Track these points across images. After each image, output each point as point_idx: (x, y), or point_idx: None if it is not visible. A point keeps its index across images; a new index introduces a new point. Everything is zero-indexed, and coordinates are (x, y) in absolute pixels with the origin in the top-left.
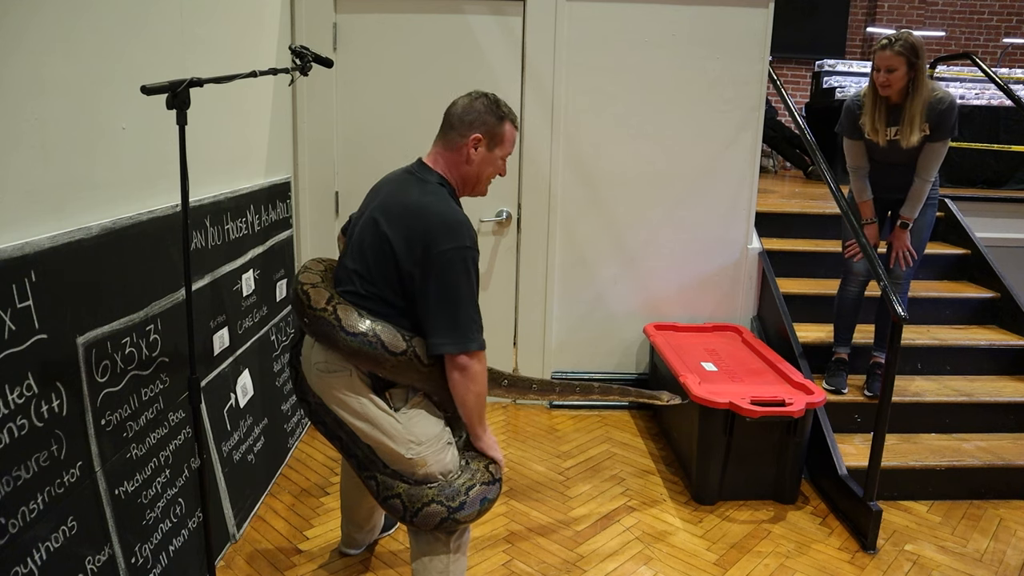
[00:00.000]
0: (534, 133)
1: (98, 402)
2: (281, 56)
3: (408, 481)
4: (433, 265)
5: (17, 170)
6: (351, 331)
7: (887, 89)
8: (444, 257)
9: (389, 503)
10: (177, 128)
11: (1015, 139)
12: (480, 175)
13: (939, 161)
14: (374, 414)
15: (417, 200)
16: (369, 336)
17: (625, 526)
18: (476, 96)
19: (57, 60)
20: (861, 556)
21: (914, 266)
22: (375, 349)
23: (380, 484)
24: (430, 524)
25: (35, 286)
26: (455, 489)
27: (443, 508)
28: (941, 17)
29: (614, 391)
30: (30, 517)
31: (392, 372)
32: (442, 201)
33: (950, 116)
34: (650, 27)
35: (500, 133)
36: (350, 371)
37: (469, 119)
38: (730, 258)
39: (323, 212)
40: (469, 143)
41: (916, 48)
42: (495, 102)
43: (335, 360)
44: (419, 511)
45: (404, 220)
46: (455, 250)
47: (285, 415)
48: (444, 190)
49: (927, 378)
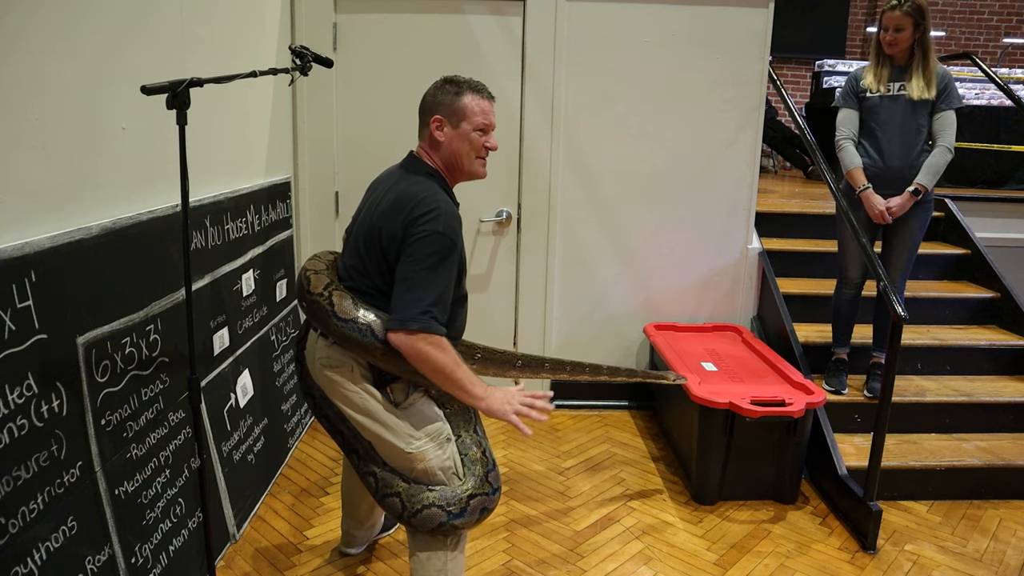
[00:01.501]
0: (534, 133)
1: (98, 402)
2: (281, 56)
3: (408, 480)
4: (406, 248)
5: (17, 170)
6: (343, 317)
7: (893, 47)
8: (415, 240)
9: (387, 501)
10: (177, 128)
11: (1015, 139)
12: (457, 154)
13: (954, 129)
14: (374, 408)
15: (404, 189)
16: (360, 323)
17: (625, 526)
18: (436, 83)
19: (57, 60)
20: (861, 556)
21: (907, 268)
22: (364, 336)
23: (379, 481)
24: (428, 527)
25: (35, 286)
26: (456, 496)
27: (442, 513)
28: (941, 17)
29: (622, 372)
30: (30, 517)
31: (383, 361)
32: (426, 189)
33: (953, 85)
34: (650, 27)
35: (460, 106)
36: (351, 366)
37: (427, 105)
38: (730, 258)
39: (323, 212)
40: (431, 127)
41: (923, 9)
42: (450, 80)
43: (337, 354)
44: (418, 512)
45: (392, 209)
46: (426, 235)
47: (285, 415)
48: (433, 180)
49: (927, 378)
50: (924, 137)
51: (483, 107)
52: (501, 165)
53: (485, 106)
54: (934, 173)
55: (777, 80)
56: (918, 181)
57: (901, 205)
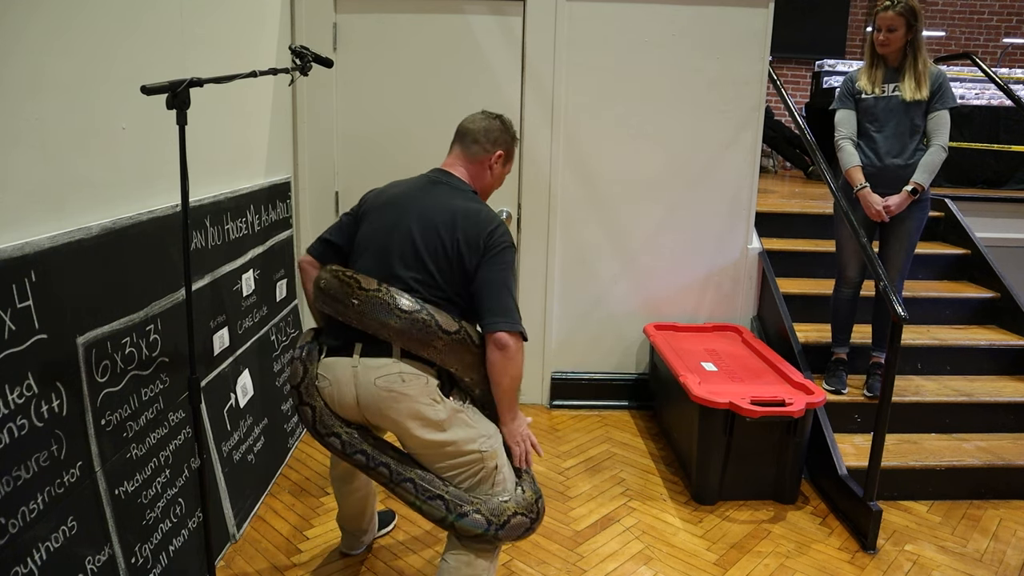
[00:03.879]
0: (534, 133)
1: (98, 402)
2: (281, 56)
3: (448, 485)
4: (492, 258)
5: (17, 170)
6: (406, 309)
7: (886, 48)
8: (500, 251)
9: (430, 505)
10: (177, 128)
11: (1015, 139)
12: (493, 187)
13: (948, 128)
14: (449, 414)
15: (467, 206)
16: (423, 314)
17: (625, 526)
18: (493, 116)
19: (57, 60)
20: (861, 556)
21: (905, 268)
22: (430, 327)
23: (418, 488)
24: (469, 533)
25: (35, 286)
26: (501, 508)
27: (484, 520)
28: (941, 17)
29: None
30: (30, 517)
31: (444, 352)
32: (486, 206)
33: (947, 85)
34: (650, 27)
35: (513, 152)
36: (426, 377)
37: (494, 136)
38: (730, 258)
39: (323, 212)
40: (494, 158)
41: (915, 11)
42: (511, 123)
43: (409, 367)
44: (463, 516)
45: (465, 223)
46: (507, 247)
47: (285, 415)
48: (478, 197)
49: (927, 378)
50: (919, 136)
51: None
52: None
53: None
54: (930, 172)
55: (777, 80)
56: (915, 180)
57: (899, 203)
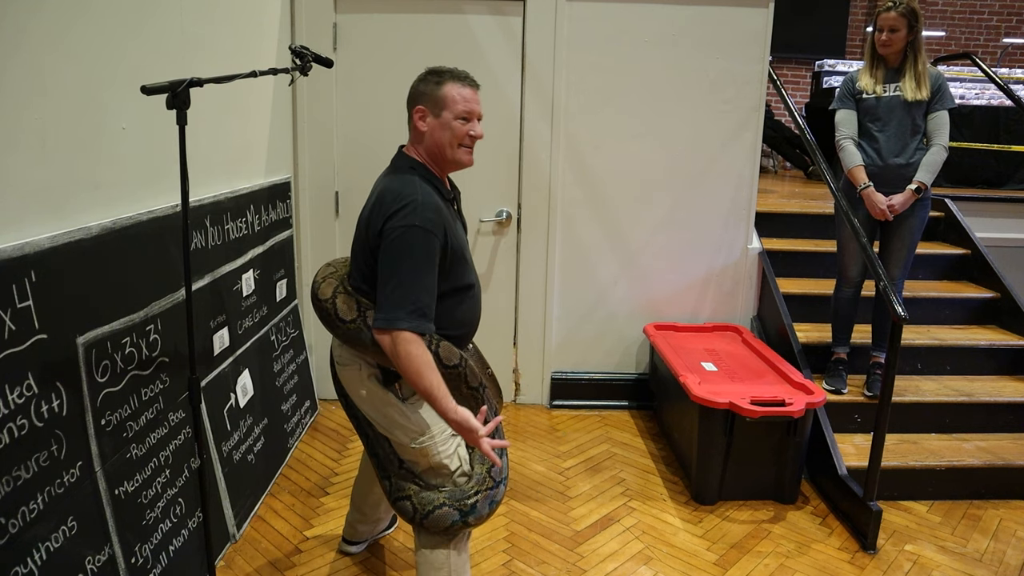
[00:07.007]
0: (534, 133)
1: (98, 402)
2: (281, 56)
3: (420, 482)
4: (386, 244)
5: (17, 170)
6: (344, 318)
7: (887, 48)
8: (389, 235)
9: (399, 505)
10: (177, 128)
11: (1015, 139)
12: (440, 143)
13: (948, 129)
14: (380, 405)
15: (386, 186)
16: (358, 322)
17: (625, 526)
18: (420, 74)
19: (57, 60)
20: (861, 556)
21: (906, 267)
22: (361, 336)
23: (393, 485)
24: (440, 527)
25: (35, 286)
26: (464, 493)
27: (453, 512)
28: (941, 17)
29: None
30: (30, 517)
31: (376, 358)
32: (402, 182)
33: (946, 86)
34: (650, 27)
35: (441, 95)
36: (359, 364)
37: (411, 96)
38: (730, 258)
39: (323, 212)
40: (415, 117)
41: (916, 12)
42: (432, 70)
43: (346, 354)
44: (429, 514)
45: (374, 207)
46: (400, 228)
47: (285, 415)
48: (415, 173)
49: (927, 378)
50: (920, 136)
51: (464, 95)
52: (501, 165)
53: (467, 94)
54: (933, 171)
55: (777, 80)
56: (918, 178)
57: (903, 202)
